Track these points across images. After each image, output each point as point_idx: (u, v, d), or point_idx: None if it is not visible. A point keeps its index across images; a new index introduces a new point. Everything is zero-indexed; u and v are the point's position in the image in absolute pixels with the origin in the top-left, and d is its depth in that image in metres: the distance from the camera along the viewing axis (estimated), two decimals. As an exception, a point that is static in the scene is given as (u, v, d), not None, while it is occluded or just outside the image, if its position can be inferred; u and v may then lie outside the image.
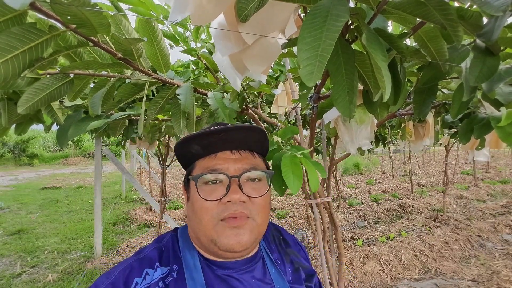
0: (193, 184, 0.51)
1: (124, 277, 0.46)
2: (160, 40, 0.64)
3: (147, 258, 0.50)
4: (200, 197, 0.48)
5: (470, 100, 0.73)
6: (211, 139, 0.49)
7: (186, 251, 0.51)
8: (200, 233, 0.49)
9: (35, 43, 0.48)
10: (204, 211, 0.48)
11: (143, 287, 0.46)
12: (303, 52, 0.36)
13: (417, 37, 0.63)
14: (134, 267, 0.48)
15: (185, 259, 0.50)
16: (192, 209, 0.51)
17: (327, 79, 0.78)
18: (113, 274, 0.47)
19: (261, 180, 0.52)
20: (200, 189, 0.49)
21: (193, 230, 0.51)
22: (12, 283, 2.94)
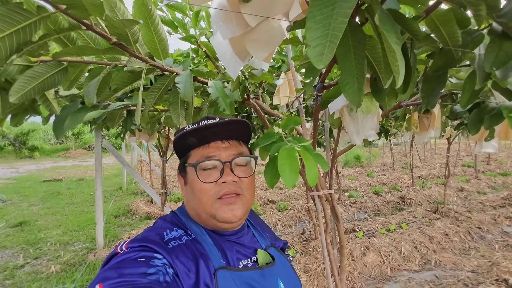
0: (191, 170, 0.60)
1: (153, 231, 0.55)
2: (158, 24, 0.61)
3: (163, 227, 0.59)
4: (199, 180, 0.58)
5: (482, 89, 0.70)
6: (205, 132, 0.59)
7: (190, 223, 0.61)
8: (200, 210, 0.59)
9: (23, 25, 0.45)
10: (204, 192, 0.58)
11: (174, 235, 0.55)
12: (313, 31, 0.33)
13: (429, 21, 0.60)
14: (156, 228, 0.58)
15: (192, 228, 0.60)
16: (191, 192, 0.60)
17: (333, 66, 0.75)
18: (139, 236, 0.54)
19: (247, 164, 0.64)
20: (199, 174, 0.58)
21: (193, 209, 0.61)
22: (15, 274, 2.96)
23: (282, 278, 0.61)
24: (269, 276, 0.59)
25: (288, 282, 0.62)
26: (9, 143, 14.15)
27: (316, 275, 2.61)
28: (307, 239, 3.43)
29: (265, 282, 0.57)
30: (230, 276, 0.54)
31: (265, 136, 0.74)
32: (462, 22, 0.61)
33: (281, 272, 0.62)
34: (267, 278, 0.58)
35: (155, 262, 0.47)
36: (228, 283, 0.52)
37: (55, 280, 2.81)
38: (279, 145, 0.68)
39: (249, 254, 0.62)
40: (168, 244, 0.52)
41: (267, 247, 0.66)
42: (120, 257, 0.47)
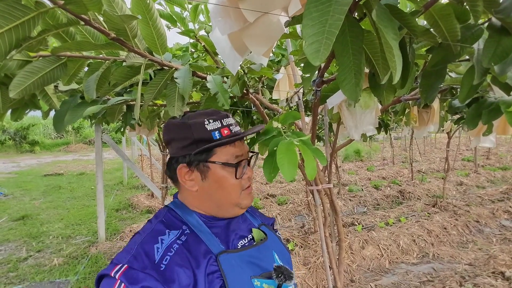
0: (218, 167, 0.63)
1: (143, 249, 0.55)
2: (156, 19, 0.61)
3: (156, 230, 0.60)
4: (234, 177, 0.63)
5: (481, 84, 0.70)
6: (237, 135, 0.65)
7: (186, 216, 0.64)
8: (225, 202, 0.64)
9: (21, 20, 0.45)
10: (235, 186, 0.64)
11: (164, 247, 0.56)
12: (309, 28, 0.33)
13: (428, 16, 0.60)
14: (148, 240, 0.57)
15: (189, 221, 0.63)
16: (216, 187, 0.63)
17: (332, 62, 0.75)
18: (132, 249, 0.55)
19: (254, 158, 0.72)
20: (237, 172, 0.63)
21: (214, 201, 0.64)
22: (19, 267, 3.01)
23: (276, 251, 0.68)
24: (265, 250, 0.65)
25: (280, 254, 0.69)
26: (9, 137, 14.16)
27: (315, 267, 2.65)
28: (306, 232, 3.47)
29: (263, 257, 0.64)
30: (231, 258, 0.58)
31: (264, 131, 0.75)
32: (462, 16, 0.60)
33: (274, 246, 0.69)
34: (263, 252, 0.65)
35: None
36: (231, 266, 0.57)
37: (58, 273, 2.85)
38: (278, 140, 0.68)
39: (245, 233, 0.68)
40: (160, 265, 0.53)
41: (259, 225, 0.73)
42: None
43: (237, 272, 0.57)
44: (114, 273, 0.51)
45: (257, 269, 0.61)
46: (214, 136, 0.62)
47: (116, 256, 0.55)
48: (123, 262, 0.53)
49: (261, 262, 0.62)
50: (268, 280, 0.60)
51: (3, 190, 6.20)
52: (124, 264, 0.52)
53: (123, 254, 0.55)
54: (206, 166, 0.63)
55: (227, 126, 0.64)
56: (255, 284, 0.58)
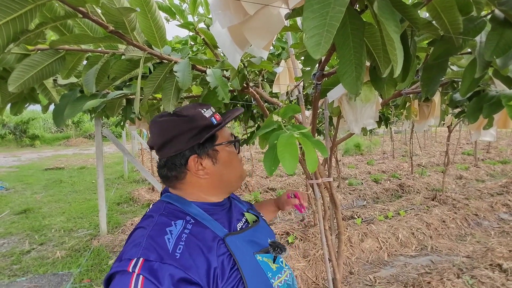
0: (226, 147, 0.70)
1: (155, 241, 0.55)
2: (155, 12, 0.60)
3: (160, 223, 0.61)
4: (237, 153, 0.74)
5: (482, 77, 0.69)
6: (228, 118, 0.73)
7: (186, 207, 0.66)
8: (235, 177, 0.73)
9: (18, 13, 0.44)
10: (239, 161, 0.75)
11: (175, 237, 0.57)
12: (310, 20, 0.33)
13: (430, 8, 0.59)
14: (156, 233, 0.57)
15: (190, 211, 0.66)
16: (227, 166, 0.71)
17: (333, 55, 0.74)
18: (141, 243, 0.55)
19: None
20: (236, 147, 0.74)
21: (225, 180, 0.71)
22: (22, 259, 3.05)
23: (266, 230, 0.77)
24: (259, 230, 0.74)
25: (270, 232, 0.78)
26: (9, 131, 14.15)
27: (315, 260, 2.68)
28: (306, 225, 3.50)
29: (259, 235, 0.71)
30: (235, 239, 0.64)
31: (264, 125, 0.75)
32: (464, 8, 0.60)
33: (265, 226, 0.79)
34: (258, 232, 0.73)
35: None
36: (237, 246, 0.63)
37: (61, 265, 2.89)
38: (278, 133, 0.68)
39: (240, 217, 0.75)
40: (175, 254, 0.54)
41: (248, 209, 0.82)
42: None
43: (243, 251, 0.63)
44: (132, 268, 0.50)
45: (256, 246, 0.68)
46: (213, 121, 0.68)
47: (125, 252, 0.55)
48: (136, 256, 0.52)
49: (258, 240, 0.70)
50: (266, 254, 0.68)
51: (4, 184, 6.23)
52: (139, 258, 0.52)
53: (133, 249, 0.54)
54: (215, 150, 0.68)
55: (216, 112, 0.71)
56: (257, 259, 0.65)
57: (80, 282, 2.59)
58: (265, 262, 0.66)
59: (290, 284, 0.70)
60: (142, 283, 0.48)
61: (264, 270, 0.64)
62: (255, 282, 0.60)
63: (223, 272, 0.58)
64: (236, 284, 0.58)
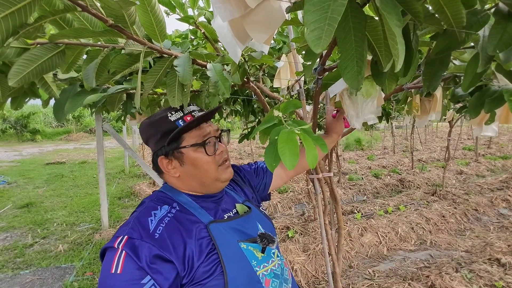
0: (191, 150, 0.71)
1: (139, 221, 0.64)
2: (155, 5, 0.59)
3: (149, 207, 0.68)
4: (206, 155, 0.71)
5: (485, 72, 0.69)
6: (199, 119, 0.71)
7: (177, 196, 0.72)
8: (205, 179, 0.73)
9: (17, 7, 0.44)
10: (210, 164, 0.72)
11: (157, 219, 0.64)
12: (310, 14, 0.32)
13: (433, 1, 0.58)
14: (142, 214, 0.66)
15: (179, 199, 0.71)
16: (193, 168, 0.71)
17: (334, 49, 0.74)
18: (129, 223, 0.63)
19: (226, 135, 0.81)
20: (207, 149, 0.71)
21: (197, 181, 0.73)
22: (25, 253, 3.09)
23: (259, 222, 0.78)
24: (249, 221, 0.75)
25: (264, 224, 0.79)
26: (10, 126, 14.17)
27: (315, 254, 2.71)
28: (306, 220, 3.52)
29: (248, 226, 0.73)
30: (220, 226, 0.67)
31: (265, 120, 0.75)
32: (468, 1, 0.59)
33: (257, 218, 0.79)
34: (248, 222, 0.74)
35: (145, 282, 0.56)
36: (220, 232, 0.66)
37: (64, 258, 2.93)
38: (279, 129, 0.68)
39: (230, 208, 0.77)
40: (155, 234, 0.61)
41: (244, 201, 0.83)
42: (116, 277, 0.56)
43: (226, 237, 0.66)
44: (118, 244, 0.59)
45: (243, 235, 0.70)
46: (179, 124, 0.69)
47: (117, 230, 0.64)
48: (123, 234, 0.60)
49: (246, 230, 0.72)
50: (253, 244, 0.70)
51: (6, 179, 6.27)
52: (124, 236, 0.60)
53: (123, 227, 0.63)
54: (180, 152, 0.70)
55: (189, 113, 0.72)
56: (241, 247, 0.67)
57: (82, 275, 2.62)
58: (249, 251, 0.68)
59: (278, 274, 0.71)
60: (123, 258, 0.57)
61: (248, 258, 0.66)
62: (234, 267, 0.63)
63: (200, 253, 0.62)
64: (214, 267, 0.62)
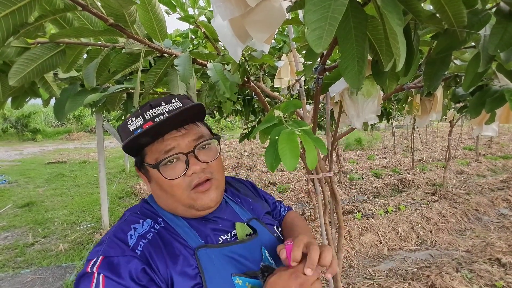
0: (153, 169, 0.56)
1: (116, 237, 0.53)
2: (155, 4, 0.59)
3: (129, 220, 0.57)
4: (166, 179, 0.54)
5: (485, 72, 0.69)
6: (158, 128, 0.54)
7: (162, 211, 0.60)
8: (175, 204, 0.58)
9: (17, 6, 0.44)
10: (175, 188, 0.55)
11: (138, 235, 0.53)
12: (311, 13, 0.32)
13: (434, 0, 0.58)
14: (120, 229, 0.55)
15: (165, 215, 0.59)
16: (160, 189, 0.58)
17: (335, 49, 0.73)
18: (103, 242, 0.53)
19: (211, 144, 0.61)
20: (163, 172, 0.55)
21: (166, 204, 0.59)
22: (26, 252, 3.09)
23: (267, 248, 0.61)
24: (251, 247, 0.59)
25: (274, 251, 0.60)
26: (11, 125, 14.19)
27: (315, 253, 2.70)
28: (306, 219, 3.52)
29: (247, 254, 0.57)
30: (210, 253, 0.54)
31: (265, 119, 0.74)
32: (469, 1, 0.59)
33: (264, 242, 0.62)
34: (249, 249, 0.58)
35: None
36: (210, 261, 0.53)
37: (64, 258, 2.93)
38: (279, 129, 0.68)
39: (228, 228, 0.61)
40: (136, 251, 0.51)
41: (249, 219, 0.65)
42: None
43: (216, 268, 0.52)
44: (91, 267, 0.48)
45: (240, 266, 0.55)
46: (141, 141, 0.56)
47: (90, 252, 0.53)
48: (97, 255, 0.50)
49: (245, 260, 0.56)
50: (252, 279, 0.54)
51: (7, 178, 6.27)
52: (99, 256, 0.49)
53: (96, 248, 0.52)
54: (145, 168, 0.58)
55: (151, 119, 0.55)
56: (235, 282, 0.52)
57: (83, 274, 2.62)
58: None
59: None
60: (103, 283, 0.46)
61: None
62: None
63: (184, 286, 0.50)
64: None
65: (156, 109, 0.56)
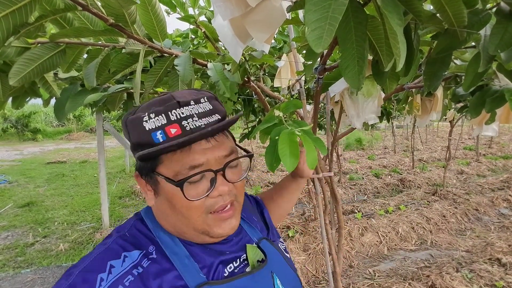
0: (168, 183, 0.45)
1: (83, 278, 0.41)
2: (155, 4, 0.59)
3: (109, 251, 0.45)
4: (186, 199, 0.44)
5: (486, 72, 0.69)
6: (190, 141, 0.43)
7: (159, 232, 0.49)
8: (185, 228, 0.48)
9: (18, 6, 0.44)
10: (193, 210, 0.45)
11: (112, 280, 0.41)
12: (311, 13, 0.32)
13: (434, 0, 0.58)
14: (92, 266, 0.43)
15: (160, 238, 0.48)
16: (170, 207, 0.47)
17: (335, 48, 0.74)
18: (72, 275, 0.42)
19: (241, 161, 0.51)
20: (186, 191, 0.44)
21: (172, 225, 0.49)
22: (26, 252, 3.09)
23: (278, 274, 0.53)
24: (261, 277, 0.51)
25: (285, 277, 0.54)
26: (11, 125, 14.21)
27: (315, 253, 2.71)
28: (306, 219, 3.52)
29: (258, 287, 0.49)
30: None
31: (265, 119, 0.75)
32: (469, 1, 0.59)
33: (276, 267, 0.54)
34: (259, 281, 0.50)
35: None
36: None
37: (64, 257, 2.93)
38: (279, 129, 0.68)
39: (237, 252, 0.53)
40: None
41: (259, 240, 0.57)
42: None
43: None
44: None
45: None
46: (155, 138, 0.43)
47: (58, 281, 0.43)
48: None
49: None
50: None
51: (7, 178, 6.28)
52: None
53: (62, 280, 0.42)
54: (154, 178, 0.46)
55: (177, 121, 0.43)
56: None
57: (83, 274, 2.63)
58: None
59: None
60: None
61: None
62: None
63: None
64: None
65: (184, 109, 0.44)
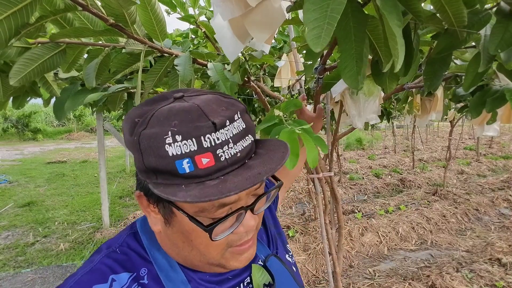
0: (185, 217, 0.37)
1: None
2: (155, 4, 0.59)
3: (94, 272, 0.40)
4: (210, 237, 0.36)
5: (486, 71, 0.69)
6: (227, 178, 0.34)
7: (155, 252, 0.43)
8: (197, 262, 0.42)
9: (19, 7, 0.44)
10: (213, 247, 0.39)
11: None
12: (310, 13, 0.32)
13: (434, 0, 0.58)
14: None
15: (156, 259, 0.42)
16: (184, 240, 0.40)
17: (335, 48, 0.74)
18: None
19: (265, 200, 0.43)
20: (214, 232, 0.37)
21: (181, 257, 0.43)
22: (26, 251, 3.10)
23: None
24: None
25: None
26: (12, 125, 14.23)
27: (315, 253, 2.71)
28: (307, 219, 3.52)
29: None
30: None
31: (265, 119, 0.75)
32: (469, 1, 0.59)
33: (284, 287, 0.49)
34: None
35: None
36: None
37: (65, 257, 2.94)
38: (279, 128, 0.68)
39: (241, 273, 0.47)
40: None
41: (267, 257, 0.50)
42: None
43: None
44: None
45: None
46: (180, 168, 0.32)
47: None
48: None
49: None
50: None
51: (8, 177, 6.29)
52: None
53: None
54: (169, 209, 0.38)
55: (210, 149, 0.33)
56: None
57: (83, 273, 2.63)
58: None
59: None
60: None
61: None
62: None
63: None
64: None
65: (220, 133, 0.33)
